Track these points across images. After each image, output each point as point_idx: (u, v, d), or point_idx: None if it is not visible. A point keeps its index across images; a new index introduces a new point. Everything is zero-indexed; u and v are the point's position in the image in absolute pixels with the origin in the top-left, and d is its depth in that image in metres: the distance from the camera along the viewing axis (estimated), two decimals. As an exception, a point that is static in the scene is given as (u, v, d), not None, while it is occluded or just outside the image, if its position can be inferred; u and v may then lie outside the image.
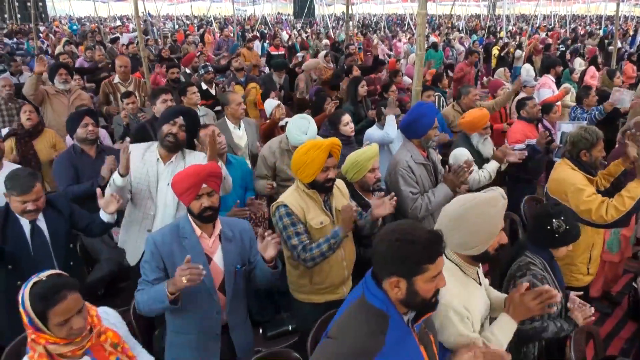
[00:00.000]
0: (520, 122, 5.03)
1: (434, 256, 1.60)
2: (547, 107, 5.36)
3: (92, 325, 1.89)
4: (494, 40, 15.72)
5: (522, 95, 6.23)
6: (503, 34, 19.29)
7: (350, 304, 1.74)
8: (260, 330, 3.47)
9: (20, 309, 1.78)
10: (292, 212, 2.73)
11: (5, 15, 25.35)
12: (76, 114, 3.94)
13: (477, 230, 2.01)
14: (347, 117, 4.42)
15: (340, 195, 2.94)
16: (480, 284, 2.20)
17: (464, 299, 2.04)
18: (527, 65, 8.87)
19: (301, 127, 3.73)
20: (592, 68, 8.22)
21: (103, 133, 4.97)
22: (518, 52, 12.21)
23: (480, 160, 4.17)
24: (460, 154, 4.05)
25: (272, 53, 11.28)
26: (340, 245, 2.75)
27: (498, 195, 2.07)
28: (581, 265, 3.35)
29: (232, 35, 16.69)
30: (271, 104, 5.03)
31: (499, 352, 1.87)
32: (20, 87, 5.69)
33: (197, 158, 3.25)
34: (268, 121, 5.04)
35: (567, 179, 3.26)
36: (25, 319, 1.77)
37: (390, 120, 4.47)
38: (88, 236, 3.41)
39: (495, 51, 12.80)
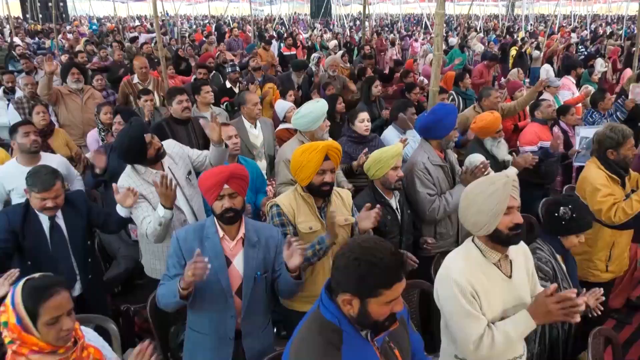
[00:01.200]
0: (534, 123, 4.95)
1: (391, 282, 1.53)
2: (563, 109, 5.27)
3: (76, 337, 1.84)
4: (510, 40, 15.54)
5: (545, 95, 6.16)
6: (522, 34, 19.06)
7: (307, 317, 1.71)
8: (275, 329, 3.48)
9: (9, 308, 1.73)
10: (283, 213, 2.69)
11: (27, 15, 25.79)
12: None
13: (480, 209, 2.05)
14: (363, 115, 4.33)
15: (342, 206, 2.83)
16: (510, 277, 2.16)
17: (472, 278, 2.05)
18: (547, 66, 8.79)
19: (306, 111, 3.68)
20: (629, 70, 8.07)
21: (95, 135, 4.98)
22: (536, 53, 12.06)
23: (496, 164, 4.12)
24: (475, 160, 4.01)
25: (285, 53, 11.30)
26: (328, 254, 2.61)
27: (500, 175, 2.10)
28: (599, 262, 3.37)
29: (249, 34, 16.76)
30: (283, 107, 5.00)
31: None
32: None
33: (171, 146, 3.27)
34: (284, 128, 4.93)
35: (588, 178, 3.32)
36: (12, 320, 1.71)
37: (412, 137, 4.42)
38: (105, 232, 3.45)
39: (513, 51, 12.65)
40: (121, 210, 2.95)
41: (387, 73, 8.46)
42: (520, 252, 2.26)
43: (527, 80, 10.65)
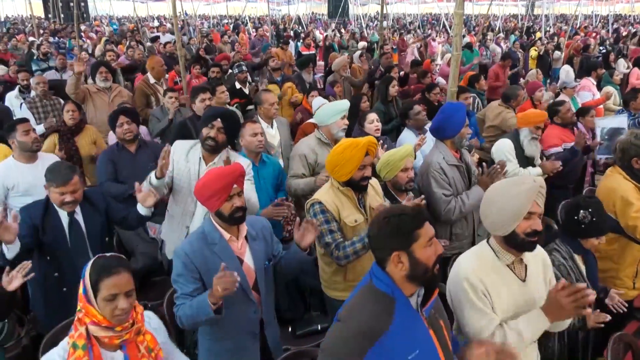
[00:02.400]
0: (555, 126, 4.88)
1: (421, 222, 1.71)
2: (583, 111, 5.20)
3: (134, 320, 1.92)
4: (530, 40, 15.34)
5: (562, 97, 6.07)
6: (540, 34, 18.81)
7: (359, 289, 1.81)
8: (290, 329, 3.49)
9: (82, 279, 1.87)
10: (327, 210, 2.74)
11: (50, 15, 26.20)
12: (113, 113, 4.05)
13: (501, 208, 2.05)
14: (372, 116, 4.42)
15: (374, 194, 2.93)
16: (524, 280, 2.14)
17: (483, 275, 2.06)
18: (567, 67, 8.60)
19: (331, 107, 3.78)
20: (637, 70, 7.93)
21: (144, 130, 5.08)
22: (557, 54, 11.89)
23: (523, 157, 4.08)
24: (503, 145, 4.01)
25: (303, 53, 11.33)
26: None
27: (527, 178, 2.11)
28: (626, 279, 3.23)
29: (267, 34, 16.84)
30: (318, 103, 5.01)
31: (511, 352, 1.80)
32: (64, 83, 5.86)
33: (239, 160, 3.28)
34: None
35: (617, 189, 3.15)
36: (81, 290, 1.86)
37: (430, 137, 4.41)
38: (124, 229, 3.50)
39: (533, 52, 12.49)
40: (141, 209, 3.00)
41: (402, 75, 8.43)
42: (538, 259, 2.24)
43: (548, 80, 10.52)
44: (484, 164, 3.54)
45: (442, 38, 16.32)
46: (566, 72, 8.01)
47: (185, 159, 3.23)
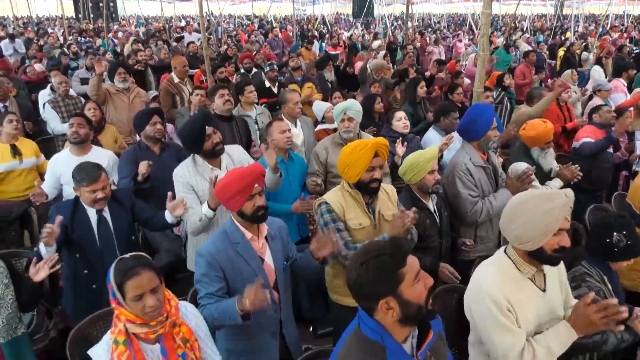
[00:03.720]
0: (591, 126, 4.78)
1: (403, 258, 1.56)
2: (618, 112, 5.07)
3: (168, 313, 1.97)
4: (559, 41, 15.04)
5: (595, 99, 5.94)
6: (570, 34, 18.42)
7: (348, 336, 1.69)
8: (311, 328, 3.50)
9: (108, 282, 1.93)
10: (332, 210, 2.74)
11: (80, 15, 26.79)
12: (146, 112, 4.09)
13: (531, 222, 1.96)
14: (400, 114, 4.42)
15: (387, 201, 2.88)
16: (544, 290, 2.10)
17: (507, 291, 1.99)
18: (597, 67, 8.44)
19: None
20: None
21: (170, 128, 5.16)
22: (585, 55, 11.60)
23: (541, 173, 4.00)
24: (519, 169, 3.89)
25: (330, 53, 11.34)
26: None
27: (560, 193, 2.00)
28: None
29: (290, 35, 16.89)
30: (321, 107, 5.07)
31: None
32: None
33: (235, 148, 3.40)
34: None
35: None
36: (110, 292, 1.92)
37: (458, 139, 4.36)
38: (147, 229, 3.56)
39: (561, 52, 12.23)
40: (168, 217, 3.04)
41: (427, 76, 8.36)
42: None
43: (576, 82, 10.28)
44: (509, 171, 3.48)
45: (467, 39, 16.09)
46: (598, 73, 7.83)
47: (198, 175, 3.16)
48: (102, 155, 3.95)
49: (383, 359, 1.57)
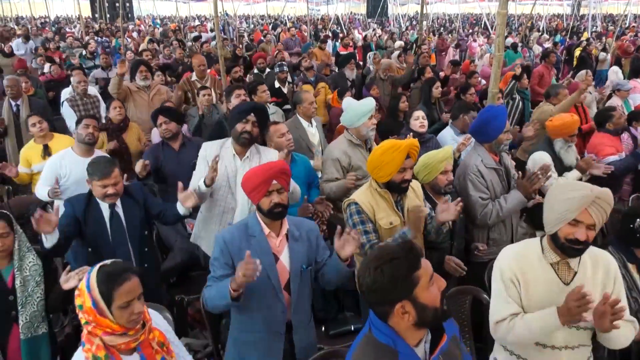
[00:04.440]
0: (604, 134, 4.71)
1: (417, 261, 1.55)
2: (635, 115, 5.00)
3: (145, 320, 1.95)
4: (576, 41, 14.85)
5: (615, 99, 5.86)
6: (587, 35, 18.18)
7: (360, 340, 1.68)
8: (323, 328, 3.50)
9: (85, 292, 1.84)
10: (362, 211, 2.74)
11: (96, 15, 27.10)
12: (153, 113, 4.21)
13: (551, 208, 2.06)
14: (417, 113, 4.41)
15: (414, 197, 2.90)
16: (567, 284, 2.09)
17: (518, 266, 2.10)
18: (615, 68, 8.32)
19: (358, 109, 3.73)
20: None
21: (184, 128, 5.19)
22: (602, 55, 11.44)
23: (562, 167, 3.97)
24: (540, 158, 3.88)
25: (341, 53, 11.32)
26: None
27: (586, 185, 2.04)
28: None
29: (305, 33, 16.89)
30: (349, 103, 5.02)
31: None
32: (109, 81, 6.05)
33: (271, 153, 3.35)
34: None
35: None
36: (88, 303, 1.82)
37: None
38: (161, 223, 3.59)
39: (578, 53, 12.08)
40: (180, 208, 3.09)
41: (442, 77, 8.31)
42: (600, 267, 2.13)
43: (593, 83, 10.15)
44: (527, 168, 3.45)
45: (482, 39, 15.95)
46: (615, 73, 7.73)
47: (219, 150, 3.29)
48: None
49: None
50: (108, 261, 1.93)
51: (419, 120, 4.34)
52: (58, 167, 3.74)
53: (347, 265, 2.38)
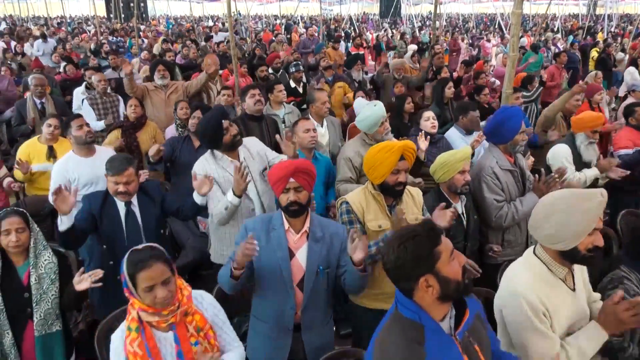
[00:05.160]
0: (628, 128, 4.70)
1: (438, 237, 1.63)
2: (631, 110, 4.94)
3: (180, 302, 2.02)
4: (592, 41, 14.66)
5: (630, 100, 5.79)
6: (602, 35, 17.95)
7: (387, 319, 1.74)
8: (334, 328, 3.49)
9: (121, 273, 1.99)
10: (352, 210, 2.72)
11: (111, 15, 27.37)
12: (193, 106, 4.44)
13: (565, 222, 1.93)
14: (428, 113, 4.37)
15: (412, 204, 2.84)
16: (574, 290, 2.07)
17: (542, 294, 1.96)
18: (632, 69, 8.21)
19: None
20: None
21: None
22: (620, 55, 11.29)
23: (580, 163, 3.94)
24: (559, 151, 3.87)
25: (353, 53, 11.30)
26: None
27: (596, 192, 1.95)
28: None
29: (316, 34, 16.89)
30: (361, 104, 5.02)
31: None
32: (122, 81, 6.12)
33: (252, 140, 3.47)
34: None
35: None
36: (123, 282, 1.98)
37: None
38: (180, 219, 3.59)
39: (594, 53, 11.92)
40: (197, 198, 3.09)
41: (455, 78, 8.25)
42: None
43: (607, 83, 10.02)
44: (542, 170, 3.41)
45: (496, 39, 15.82)
46: (631, 74, 7.63)
47: (219, 168, 3.24)
48: (110, 153, 3.91)
49: (421, 336, 1.61)
50: (140, 246, 2.03)
51: (429, 120, 4.30)
52: (65, 172, 3.75)
53: (362, 270, 2.33)
